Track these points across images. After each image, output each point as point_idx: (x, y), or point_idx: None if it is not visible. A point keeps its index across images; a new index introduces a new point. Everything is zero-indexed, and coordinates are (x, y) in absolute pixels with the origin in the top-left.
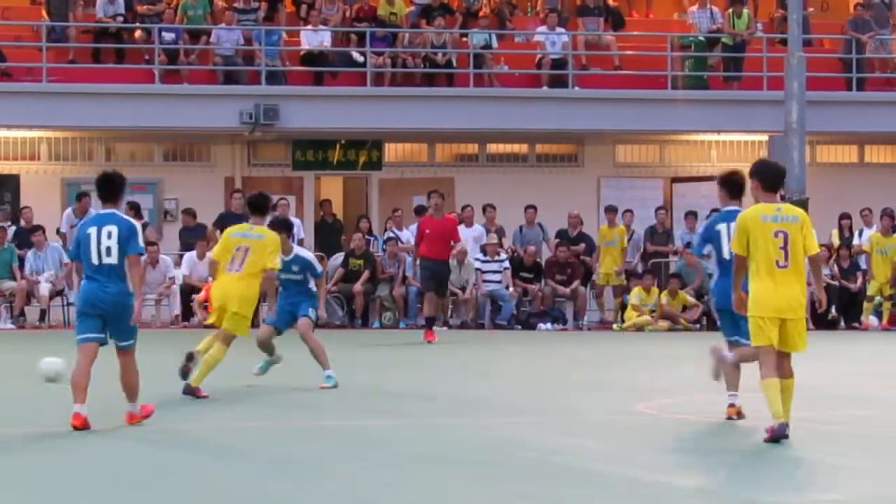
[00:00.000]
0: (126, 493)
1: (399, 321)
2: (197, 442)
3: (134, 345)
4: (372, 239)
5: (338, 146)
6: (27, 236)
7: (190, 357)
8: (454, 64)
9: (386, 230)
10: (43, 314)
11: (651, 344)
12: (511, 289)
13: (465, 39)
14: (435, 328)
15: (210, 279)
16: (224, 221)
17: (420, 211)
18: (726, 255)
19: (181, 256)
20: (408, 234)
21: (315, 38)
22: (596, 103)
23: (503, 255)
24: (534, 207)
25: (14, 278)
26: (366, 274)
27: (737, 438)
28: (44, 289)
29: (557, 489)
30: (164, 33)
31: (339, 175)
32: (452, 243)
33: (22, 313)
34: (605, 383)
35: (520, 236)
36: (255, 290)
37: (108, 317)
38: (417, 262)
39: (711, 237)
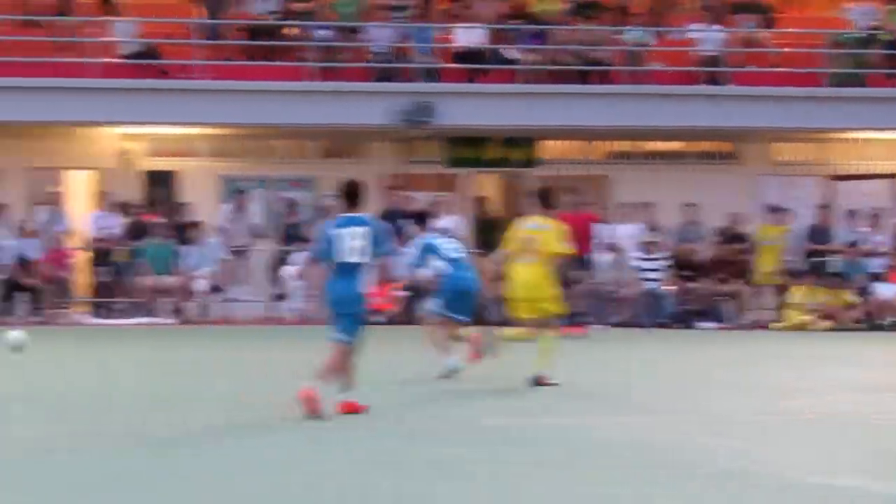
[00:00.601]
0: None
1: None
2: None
3: (351, 343)
4: None
5: (493, 143)
6: (185, 232)
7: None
8: (608, 61)
9: None
10: (202, 309)
11: (809, 343)
12: (670, 287)
13: (619, 37)
14: (598, 326)
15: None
16: (385, 218)
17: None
18: None
19: None
20: None
21: (469, 36)
22: (751, 101)
23: (662, 254)
24: (693, 205)
25: (173, 274)
26: None
27: (882, 438)
28: (201, 285)
29: (703, 489)
30: (318, 31)
31: (494, 172)
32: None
33: (181, 309)
34: (758, 383)
35: (679, 234)
36: (549, 275)
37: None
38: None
39: None
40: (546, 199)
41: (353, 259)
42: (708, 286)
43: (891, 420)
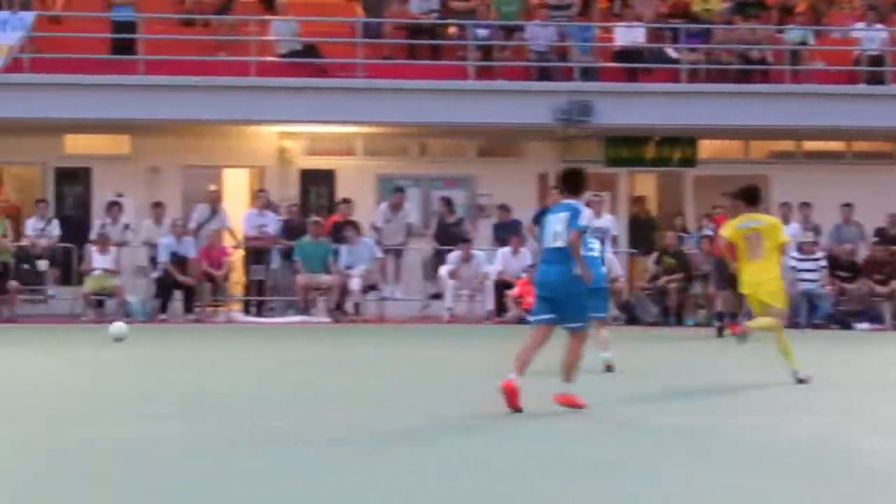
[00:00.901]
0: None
1: (712, 320)
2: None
3: (581, 328)
4: (686, 236)
5: (651, 143)
6: (341, 231)
7: None
8: (769, 60)
9: (701, 227)
10: (357, 308)
11: None
12: (827, 287)
13: (780, 36)
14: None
15: (524, 275)
16: (543, 217)
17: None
18: None
19: (495, 252)
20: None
21: (629, 35)
22: None
23: (819, 254)
24: (850, 205)
25: (329, 272)
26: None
27: None
28: (355, 283)
29: (868, 492)
30: (477, 29)
31: (652, 172)
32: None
33: (338, 307)
34: None
35: (836, 235)
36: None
37: (557, 300)
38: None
39: None
40: (754, 197)
41: (556, 244)
42: (865, 287)
43: None
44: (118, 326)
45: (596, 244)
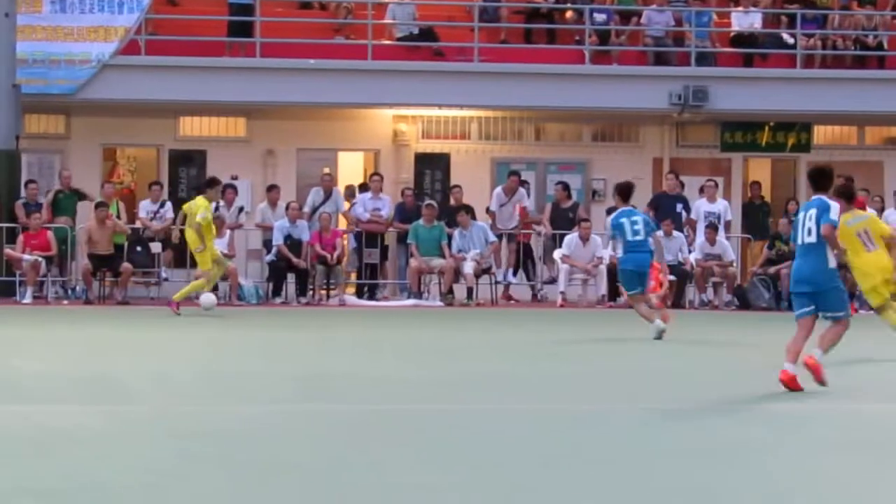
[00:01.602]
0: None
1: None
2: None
3: (844, 317)
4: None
5: (766, 128)
6: (455, 215)
7: None
8: (885, 46)
9: None
10: (469, 292)
11: None
12: None
13: None
14: (862, 311)
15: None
16: (658, 202)
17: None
18: None
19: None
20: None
21: (746, 20)
22: None
23: None
24: None
25: (443, 256)
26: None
27: None
28: (468, 267)
29: None
30: (595, 14)
31: (767, 157)
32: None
33: (451, 291)
34: None
35: None
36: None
37: (816, 293)
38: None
39: None
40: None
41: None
42: None
43: None
44: (207, 297)
45: (641, 230)
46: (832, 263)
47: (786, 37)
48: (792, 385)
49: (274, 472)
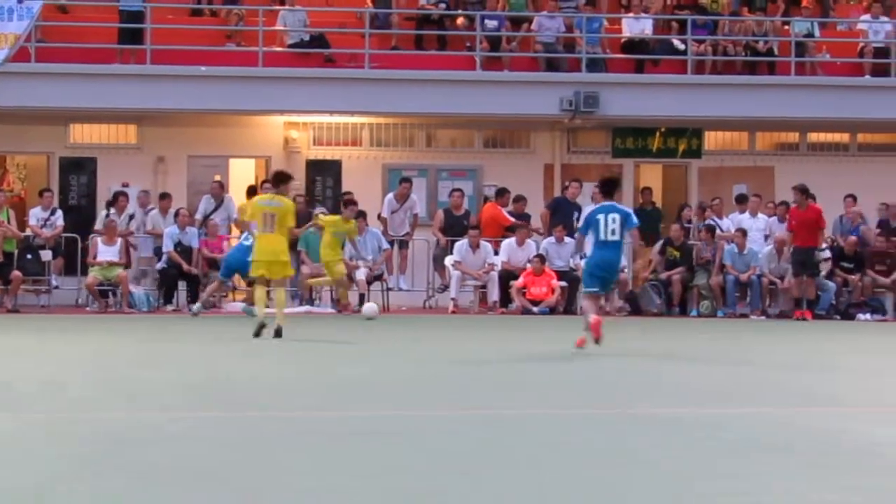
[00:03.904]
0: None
1: (717, 310)
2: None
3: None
4: (690, 227)
5: (657, 134)
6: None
7: None
8: (775, 52)
9: (704, 218)
10: (361, 299)
11: None
12: (831, 279)
13: (786, 28)
14: (753, 317)
15: (529, 266)
16: (557, 207)
17: (741, 200)
18: None
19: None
20: (727, 223)
21: (636, 26)
22: None
23: (823, 245)
24: (853, 197)
25: None
26: (682, 268)
27: None
28: (361, 274)
29: (883, 480)
30: (486, 20)
31: (658, 163)
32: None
33: (340, 299)
34: None
35: (840, 226)
36: None
37: (610, 279)
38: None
39: None
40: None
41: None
42: (867, 278)
43: None
44: (370, 307)
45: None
46: (623, 256)
47: (676, 43)
48: (597, 331)
49: (168, 477)
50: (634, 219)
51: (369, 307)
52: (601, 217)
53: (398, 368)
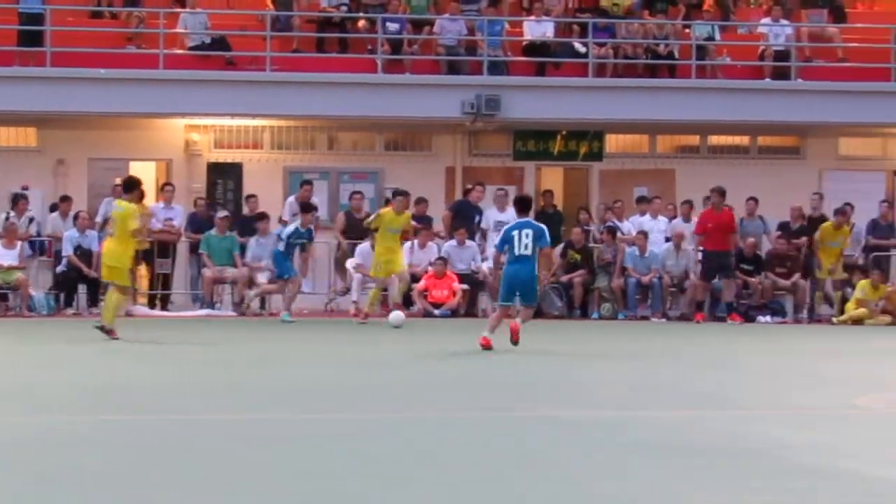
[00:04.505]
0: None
1: (618, 312)
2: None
3: (534, 304)
4: (591, 230)
5: (559, 137)
6: (250, 224)
7: None
8: (676, 55)
9: (605, 221)
10: (263, 301)
11: (871, 338)
12: (731, 281)
13: (687, 31)
14: (654, 319)
15: (430, 269)
16: (460, 209)
17: (642, 202)
18: None
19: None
20: (629, 226)
21: (538, 29)
22: (819, 95)
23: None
24: (754, 199)
25: (235, 266)
26: (583, 270)
27: None
28: (262, 276)
29: (782, 482)
30: (387, 23)
31: (559, 166)
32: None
33: (242, 300)
34: (824, 376)
35: (741, 228)
36: None
37: (525, 292)
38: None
39: None
40: None
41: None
42: (768, 280)
43: None
44: (397, 315)
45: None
46: (536, 270)
47: (578, 45)
48: (486, 344)
49: (67, 480)
50: (547, 238)
51: (396, 316)
52: (516, 233)
53: (298, 372)
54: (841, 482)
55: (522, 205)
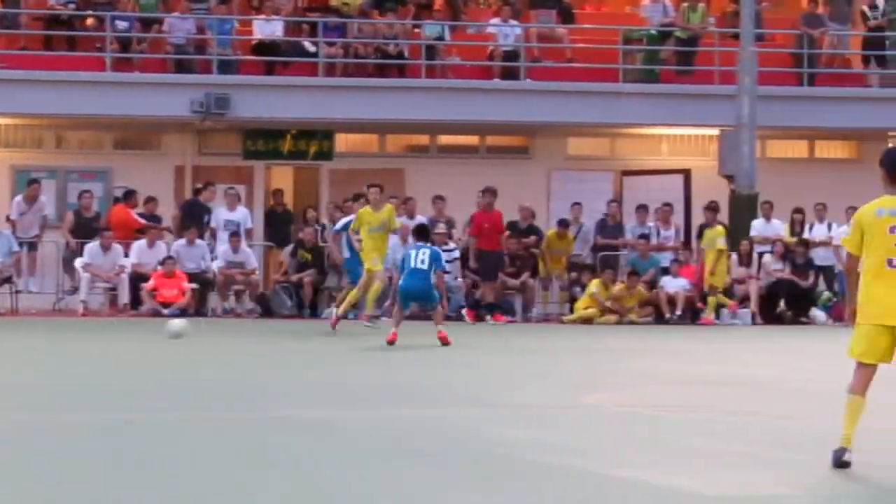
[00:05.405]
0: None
1: (348, 312)
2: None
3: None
4: (320, 229)
5: (288, 136)
6: None
7: None
8: (406, 55)
9: (334, 220)
10: None
11: (599, 337)
12: (460, 280)
13: (417, 31)
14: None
15: (160, 268)
16: (190, 209)
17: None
18: None
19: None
20: None
21: (267, 28)
22: (547, 96)
23: (452, 246)
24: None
25: None
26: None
27: (683, 431)
28: None
29: (503, 480)
30: (116, 21)
31: (289, 165)
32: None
33: None
34: (552, 375)
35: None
36: None
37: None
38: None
39: None
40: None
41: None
42: (498, 280)
43: (691, 414)
44: (178, 323)
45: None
46: (432, 280)
47: (308, 45)
48: (393, 340)
49: None
50: (443, 263)
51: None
52: (413, 252)
53: (27, 373)
54: (569, 480)
55: (422, 233)
